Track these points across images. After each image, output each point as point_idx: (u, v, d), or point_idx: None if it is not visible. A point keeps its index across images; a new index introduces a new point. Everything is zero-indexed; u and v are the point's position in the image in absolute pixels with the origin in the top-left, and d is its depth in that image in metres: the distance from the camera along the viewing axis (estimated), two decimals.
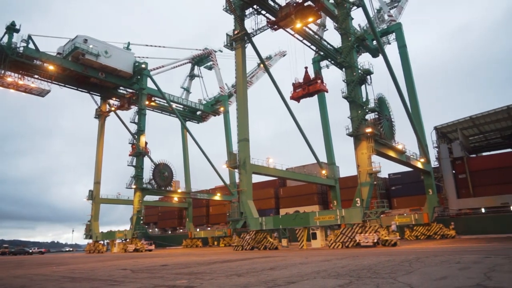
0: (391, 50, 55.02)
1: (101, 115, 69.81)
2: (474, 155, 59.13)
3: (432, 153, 52.88)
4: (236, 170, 42.92)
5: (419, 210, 51.21)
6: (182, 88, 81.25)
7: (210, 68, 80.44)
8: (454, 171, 52.22)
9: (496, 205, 47.51)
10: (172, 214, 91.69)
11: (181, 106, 75.40)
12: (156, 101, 70.63)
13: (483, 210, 48.87)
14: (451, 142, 54.50)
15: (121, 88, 66.23)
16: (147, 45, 67.96)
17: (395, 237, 31.48)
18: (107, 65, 58.25)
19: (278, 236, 40.74)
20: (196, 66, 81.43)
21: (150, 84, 64.26)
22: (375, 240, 30.72)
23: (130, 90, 65.97)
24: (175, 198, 73.80)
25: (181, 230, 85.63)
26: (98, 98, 69.51)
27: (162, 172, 65.42)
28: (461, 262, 12.53)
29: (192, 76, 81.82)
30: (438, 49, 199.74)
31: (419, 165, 47.73)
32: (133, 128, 64.13)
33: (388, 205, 47.88)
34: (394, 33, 55.85)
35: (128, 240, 58.19)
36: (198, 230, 76.65)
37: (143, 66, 62.41)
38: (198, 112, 79.73)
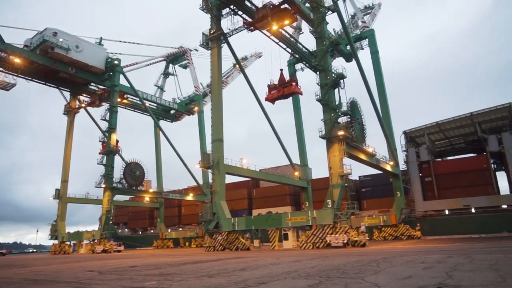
0: (364, 55, 56.45)
1: (70, 112, 67.49)
2: (439, 159, 61.54)
3: (401, 156, 54.73)
4: (210, 170, 42.68)
5: (387, 212, 52.75)
6: (156, 86, 79.86)
7: (185, 67, 79.52)
8: (421, 174, 54.16)
9: (459, 207, 49.70)
10: (143, 214, 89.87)
11: (155, 105, 74.11)
12: (129, 99, 69.05)
13: (447, 212, 50.97)
14: (418, 146, 56.48)
15: (92, 84, 64.27)
16: (120, 41, 66.41)
17: (364, 238, 32.28)
18: (77, 60, 56.34)
19: (250, 236, 40.81)
20: (171, 65, 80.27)
21: (123, 81, 62.77)
22: (345, 241, 31.36)
23: (102, 87, 64.15)
24: (146, 198, 72.42)
25: (152, 231, 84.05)
26: (67, 94, 67.20)
27: (134, 171, 64.03)
28: (425, 262, 13.01)
29: (166, 74, 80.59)
30: (408, 56, 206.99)
31: (388, 168, 49.21)
32: (104, 125, 62.42)
33: (358, 206, 49.04)
34: (367, 39, 57.40)
35: (96, 240, 56.52)
36: (169, 230, 75.54)
37: (116, 62, 60.84)
38: (172, 111, 78.60)
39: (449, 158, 63.33)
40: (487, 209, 48.20)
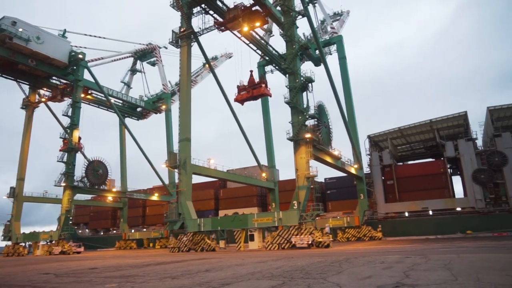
0: (332, 60, 57.83)
1: (29, 106, 64.11)
2: (401, 163, 64.06)
3: (365, 160, 56.54)
4: (176, 170, 42.01)
5: (351, 214, 54.20)
6: (123, 82, 77.53)
7: (153, 64, 77.80)
8: (383, 178, 56.18)
9: (418, 209, 52.04)
10: (106, 214, 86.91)
11: (120, 102, 71.90)
12: (93, 94, 66.58)
13: (406, 214, 53.16)
14: (382, 150, 58.54)
15: (54, 78, 61.39)
16: (86, 35, 63.92)
17: (328, 239, 32.98)
18: (38, 52, 53.57)
19: (216, 237, 40.57)
20: (138, 61, 78.24)
21: (87, 76, 60.45)
22: (310, 242, 31.89)
23: (64, 81, 61.45)
24: (109, 198, 70.17)
25: (115, 231, 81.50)
26: (26, 87, 63.83)
27: (96, 170, 61.81)
28: (385, 262, 13.49)
29: (133, 71, 78.45)
30: (375, 62, 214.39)
31: (353, 171, 50.61)
32: (66, 121, 59.82)
33: (323, 208, 50.07)
34: (335, 45, 58.83)
35: (54, 241, 54.03)
36: (133, 231, 73.59)
37: (80, 56, 58.47)
38: (139, 109, 76.65)
39: (410, 162, 66.10)
40: (443, 211, 50.80)
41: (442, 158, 54.78)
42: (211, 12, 43.16)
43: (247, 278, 10.26)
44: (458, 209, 50.67)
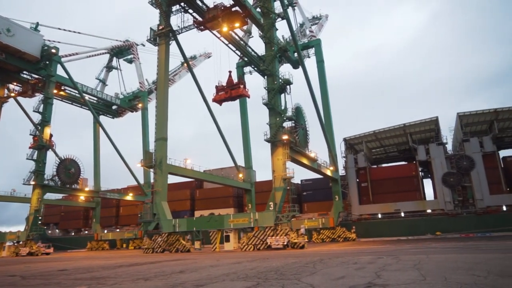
0: (310, 63, 58.47)
1: None
2: (375, 166, 65.60)
3: (341, 162, 57.51)
4: (152, 170, 41.36)
5: (326, 215, 54.97)
6: (98, 79, 75.49)
7: (130, 61, 76.26)
8: (358, 180, 57.33)
9: (390, 211, 53.43)
10: (77, 214, 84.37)
11: (95, 99, 70.02)
12: (66, 91, 64.50)
13: (380, 215, 54.46)
14: (357, 153, 59.73)
15: (25, 72, 59.01)
16: (60, 29, 61.86)
17: (303, 240, 33.31)
18: (8, 45, 51.36)
19: (192, 238, 40.22)
20: (115, 58, 76.38)
21: (60, 71, 58.50)
22: (285, 243, 32.11)
23: (36, 76, 59.20)
24: (82, 197, 68.14)
25: (86, 232, 79.28)
26: None
27: (68, 168, 59.91)
28: (358, 262, 13.75)
29: (109, 67, 76.58)
30: (353, 66, 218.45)
31: (329, 173, 51.37)
32: (37, 118, 57.67)
33: (299, 209, 50.51)
34: (314, 48, 59.56)
35: (21, 242, 51.96)
36: (105, 231, 71.80)
37: (54, 51, 56.50)
38: (114, 107, 74.85)
39: (383, 165, 67.73)
40: (415, 213, 52.40)
41: (414, 162, 56.46)
42: (190, 11, 42.73)
43: (222, 279, 10.22)
44: (429, 211, 52.40)
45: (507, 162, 53.67)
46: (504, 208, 48.73)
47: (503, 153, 56.92)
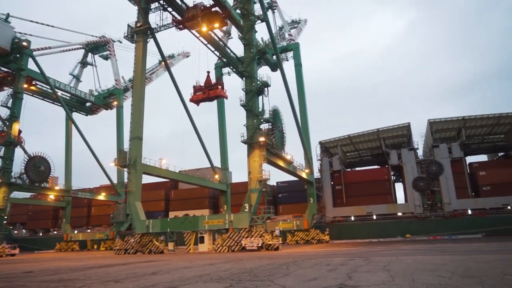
0: (289, 67, 59.01)
1: None
2: (349, 169, 66.87)
3: (316, 165, 58.22)
4: (126, 169, 40.57)
5: (300, 217, 55.53)
6: (72, 75, 73.21)
7: (106, 58, 74.44)
8: (332, 183, 58.27)
9: (363, 214, 54.62)
10: (46, 214, 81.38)
11: (68, 95, 67.87)
12: (38, 86, 62.19)
13: (352, 218, 55.56)
14: (332, 156, 60.69)
15: None
16: (32, 21, 59.61)
17: (277, 242, 33.53)
18: None
19: (165, 239, 39.69)
20: (90, 54, 74.30)
21: (32, 65, 56.37)
22: (260, 244, 32.22)
23: (5, 69, 56.84)
24: (51, 196, 65.86)
25: (55, 232, 76.63)
26: None
27: (38, 166, 57.79)
28: (330, 264, 13.99)
29: (84, 63, 74.39)
30: (331, 71, 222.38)
31: (304, 175, 51.97)
32: (5, 112, 55.32)
33: (274, 211, 50.84)
34: (292, 51, 60.17)
35: None
36: (75, 232, 69.64)
37: (25, 44, 54.36)
38: (88, 104, 72.74)
39: (357, 168, 69.13)
40: (386, 216, 53.79)
41: (386, 166, 57.96)
42: (169, 9, 42.31)
43: (195, 281, 10.16)
44: (399, 214, 53.94)
45: (473, 168, 56.00)
46: (469, 212, 50.86)
47: (469, 159, 59.63)
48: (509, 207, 49.24)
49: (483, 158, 67.20)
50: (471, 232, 46.75)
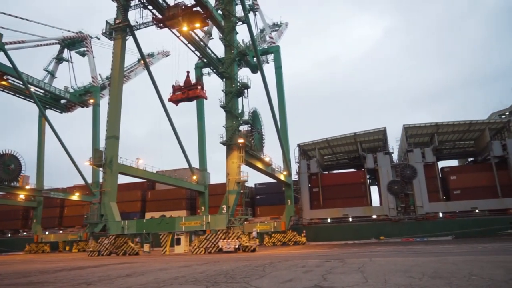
0: (269, 69, 59.31)
1: None
2: (326, 172, 67.78)
3: (294, 167, 58.75)
4: (101, 169, 39.68)
5: (278, 219, 55.83)
6: (46, 71, 70.93)
7: (83, 54, 72.51)
8: (310, 185, 58.91)
9: (339, 216, 55.49)
10: (15, 214, 78.44)
11: (42, 91, 65.72)
12: (9, 81, 59.77)
13: (329, 220, 56.33)
14: (310, 159, 61.35)
15: None
16: (4, 13, 57.33)
17: (254, 243, 33.57)
18: None
19: (141, 241, 39.03)
20: (66, 50, 72.17)
21: (3, 59, 54.27)
22: (237, 246, 32.18)
23: None
24: (22, 196, 63.51)
25: (25, 233, 73.95)
26: None
27: (7, 164, 55.69)
28: (306, 266, 14.13)
29: (60, 59, 72.20)
30: (310, 74, 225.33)
31: (282, 177, 52.29)
32: None
33: (252, 213, 50.91)
34: (273, 54, 60.51)
35: None
36: (47, 233, 67.43)
37: None
38: (63, 101, 70.58)
39: (334, 171, 70.15)
40: (361, 218, 54.85)
41: (363, 169, 59.10)
42: (150, 7, 41.72)
43: (170, 283, 10.06)
44: (374, 216, 55.09)
45: (444, 172, 57.92)
46: (441, 215, 52.55)
47: (441, 164, 61.71)
48: (477, 210, 51.24)
49: (454, 163, 69.86)
50: (442, 234, 48.34)
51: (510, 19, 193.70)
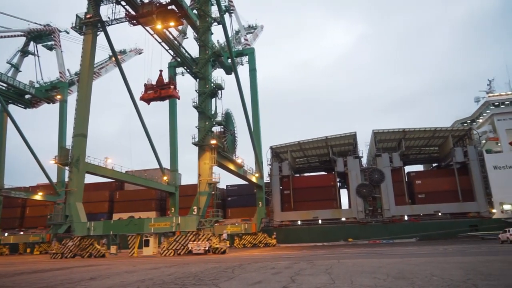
0: (243, 71, 59.39)
1: None
2: (298, 175, 68.58)
3: (266, 169, 59.05)
4: (67, 168, 38.28)
5: (249, 221, 55.88)
6: (10, 64, 67.63)
7: (50, 48, 69.63)
8: (281, 187, 59.40)
9: (309, 218, 56.29)
10: None
11: (5, 85, 62.59)
12: None
13: (299, 222, 56.99)
14: (282, 161, 61.87)
15: None
16: None
17: (225, 245, 33.44)
18: None
19: (108, 243, 37.92)
20: (32, 42, 69.12)
21: None
22: (207, 248, 31.91)
23: None
24: None
25: None
26: None
27: None
28: (275, 267, 14.23)
29: (25, 52, 68.94)
30: (284, 78, 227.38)
31: (254, 179, 52.41)
32: None
33: (223, 214, 50.67)
34: (247, 56, 60.68)
35: None
36: (6, 234, 64.11)
37: None
38: (28, 96, 67.52)
39: (305, 174, 71.09)
40: (331, 221, 55.87)
41: (333, 172, 60.26)
42: (123, 3, 40.71)
43: (136, 286, 9.84)
44: (343, 219, 56.29)
45: (410, 176, 60.07)
46: (406, 217, 54.42)
47: (408, 168, 63.97)
48: (440, 214, 53.46)
49: (419, 168, 72.57)
50: (407, 236, 50.06)
51: (475, 32, 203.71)
